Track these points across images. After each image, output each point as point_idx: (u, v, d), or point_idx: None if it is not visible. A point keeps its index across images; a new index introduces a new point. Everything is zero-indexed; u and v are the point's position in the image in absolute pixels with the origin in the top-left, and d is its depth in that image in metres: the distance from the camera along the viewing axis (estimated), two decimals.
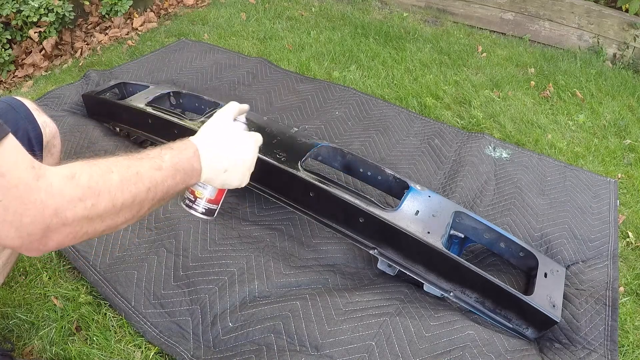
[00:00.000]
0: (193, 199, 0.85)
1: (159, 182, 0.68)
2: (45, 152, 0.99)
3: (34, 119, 0.94)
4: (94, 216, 0.58)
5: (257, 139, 0.88)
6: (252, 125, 1.34)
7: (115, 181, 0.61)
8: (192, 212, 0.87)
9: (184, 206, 0.87)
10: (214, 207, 0.88)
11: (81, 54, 2.58)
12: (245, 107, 0.89)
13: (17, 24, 2.46)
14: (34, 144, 0.92)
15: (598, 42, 2.71)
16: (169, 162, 0.70)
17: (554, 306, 1.13)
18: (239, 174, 0.84)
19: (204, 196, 0.85)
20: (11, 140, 0.53)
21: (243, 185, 0.87)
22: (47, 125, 0.99)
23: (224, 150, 0.80)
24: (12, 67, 2.49)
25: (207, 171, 0.77)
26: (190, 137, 0.78)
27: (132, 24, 2.83)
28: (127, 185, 0.63)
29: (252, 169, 0.88)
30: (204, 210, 0.87)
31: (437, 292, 1.22)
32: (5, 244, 0.54)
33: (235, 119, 0.86)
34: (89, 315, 1.16)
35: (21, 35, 2.53)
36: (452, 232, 1.30)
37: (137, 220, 0.69)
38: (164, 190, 0.69)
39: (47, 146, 1.00)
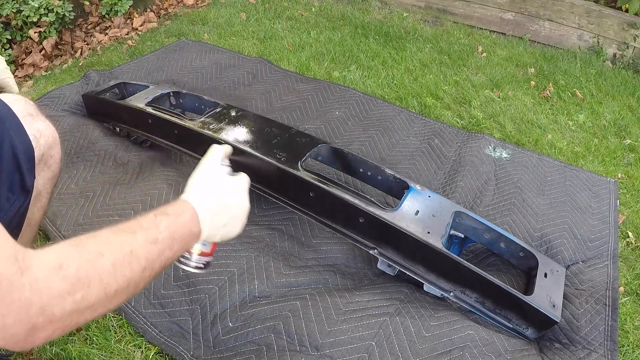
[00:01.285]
0: (188, 255, 0.77)
1: (156, 258, 0.61)
2: (40, 166, 0.89)
3: (22, 130, 0.82)
4: (84, 308, 0.53)
5: (246, 181, 0.82)
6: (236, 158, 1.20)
7: (107, 266, 0.55)
8: (184, 267, 0.79)
9: (178, 264, 0.77)
10: (208, 259, 0.81)
11: (81, 54, 2.58)
12: (229, 148, 0.85)
13: (17, 24, 2.46)
14: (20, 161, 0.79)
15: (598, 42, 2.71)
16: (166, 232, 0.63)
17: (554, 306, 1.13)
18: (239, 224, 0.78)
19: (198, 250, 0.77)
20: None
21: (240, 232, 0.80)
22: (42, 134, 0.87)
23: (220, 204, 0.74)
24: (12, 67, 2.49)
25: (207, 231, 0.71)
26: (183, 195, 0.72)
27: (132, 24, 2.83)
28: (121, 269, 0.57)
29: (248, 213, 0.81)
30: (197, 265, 0.79)
31: (437, 292, 1.22)
32: None
33: (223, 163, 0.82)
34: None
35: (21, 35, 2.53)
36: (452, 232, 1.29)
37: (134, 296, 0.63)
38: (161, 265, 0.63)
39: (42, 159, 0.89)
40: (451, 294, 1.20)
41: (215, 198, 0.74)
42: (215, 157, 0.81)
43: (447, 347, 1.08)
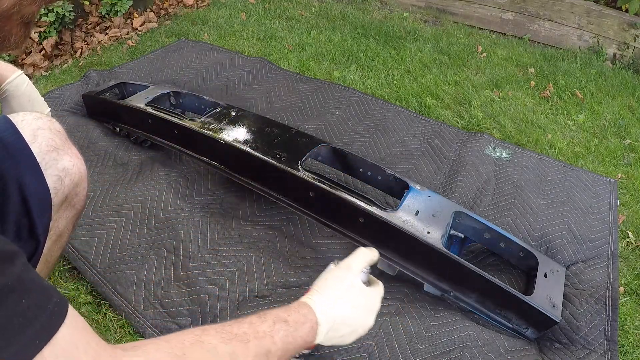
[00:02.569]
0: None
1: (272, 353, 0.56)
2: (63, 207, 0.81)
3: (39, 172, 0.71)
4: None
5: (381, 297, 0.77)
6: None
7: None
8: None
9: None
10: (307, 352, 0.79)
11: (81, 54, 2.58)
12: (376, 256, 0.80)
13: None
14: (31, 205, 0.67)
15: (598, 42, 2.71)
16: (280, 344, 0.58)
17: (554, 306, 1.13)
18: (353, 338, 0.73)
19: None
20: (69, 330, 0.40)
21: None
22: (67, 173, 0.78)
23: (345, 320, 0.69)
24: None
25: (320, 341, 0.67)
26: (310, 299, 0.68)
27: (132, 24, 2.83)
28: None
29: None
30: (296, 356, 0.76)
31: (437, 292, 1.22)
32: None
33: (368, 271, 0.78)
34: (89, 315, 1.16)
35: None
36: (452, 232, 1.29)
37: None
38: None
39: (66, 199, 0.80)
40: (451, 293, 1.20)
41: (343, 313, 0.69)
42: (358, 264, 0.76)
43: (447, 347, 1.08)
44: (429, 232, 1.18)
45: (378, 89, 2.24)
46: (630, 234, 1.52)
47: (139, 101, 1.62)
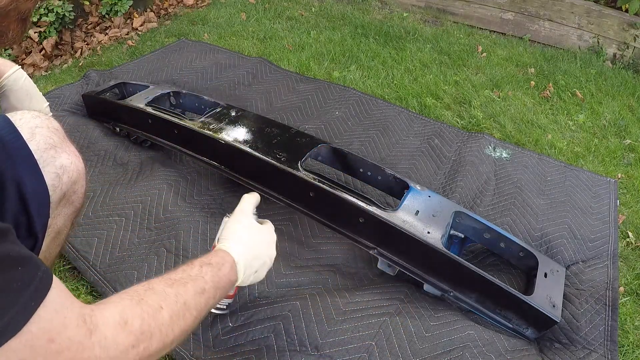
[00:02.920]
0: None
1: (203, 307, 0.67)
2: (61, 205, 0.82)
3: (37, 170, 0.72)
4: (145, 358, 0.56)
5: (273, 230, 0.92)
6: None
7: (165, 319, 0.59)
8: (218, 312, 0.98)
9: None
10: (230, 301, 0.93)
11: (81, 54, 2.59)
12: (257, 198, 0.95)
13: None
14: (29, 203, 0.68)
15: (598, 42, 2.71)
16: (211, 283, 0.69)
17: (554, 306, 1.13)
18: (265, 270, 0.87)
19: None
20: (56, 293, 0.48)
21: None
22: (65, 171, 0.79)
23: (254, 255, 0.82)
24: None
25: (241, 278, 0.79)
26: (222, 245, 0.80)
27: (132, 24, 2.83)
28: (177, 320, 0.61)
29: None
30: (220, 307, 0.93)
31: (437, 292, 1.22)
32: None
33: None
34: None
35: None
36: (452, 232, 1.29)
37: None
38: (206, 312, 0.69)
39: (64, 197, 0.82)
40: (451, 293, 1.20)
41: (250, 250, 0.82)
42: (248, 208, 0.90)
43: (447, 347, 1.08)
44: (429, 232, 1.18)
45: (378, 89, 2.24)
46: (630, 234, 1.52)
47: (139, 101, 1.62)
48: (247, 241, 0.83)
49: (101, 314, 0.52)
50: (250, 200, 0.92)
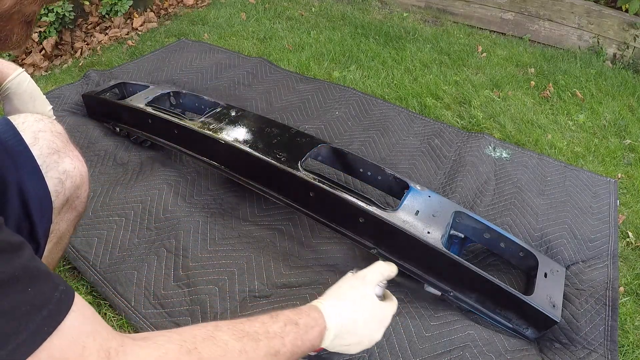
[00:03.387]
0: None
1: (287, 353, 0.58)
2: (64, 210, 0.81)
3: (39, 175, 0.71)
4: None
5: (393, 313, 0.77)
6: None
7: None
8: None
9: None
10: (312, 354, 0.77)
11: (81, 54, 2.59)
12: (394, 271, 0.81)
13: None
14: (31, 208, 0.67)
15: (598, 42, 2.71)
16: (289, 346, 0.59)
17: (554, 306, 1.13)
18: (359, 349, 0.73)
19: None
20: (75, 317, 0.42)
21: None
22: (68, 176, 0.78)
23: (354, 329, 0.70)
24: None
25: (326, 346, 0.68)
26: (322, 303, 0.69)
27: (132, 24, 2.83)
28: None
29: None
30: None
31: (437, 292, 1.22)
32: None
33: (383, 285, 0.79)
34: None
35: None
36: (452, 232, 1.29)
37: None
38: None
39: (67, 202, 0.80)
40: (451, 293, 1.20)
41: (352, 322, 0.70)
42: (374, 277, 0.77)
43: (447, 347, 1.08)
44: (429, 232, 1.18)
45: (378, 89, 2.24)
46: (630, 234, 1.52)
47: (139, 101, 1.62)
48: (353, 313, 0.70)
49: (134, 352, 0.44)
50: (381, 270, 0.78)
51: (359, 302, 0.72)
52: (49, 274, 0.42)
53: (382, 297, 0.78)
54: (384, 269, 0.79)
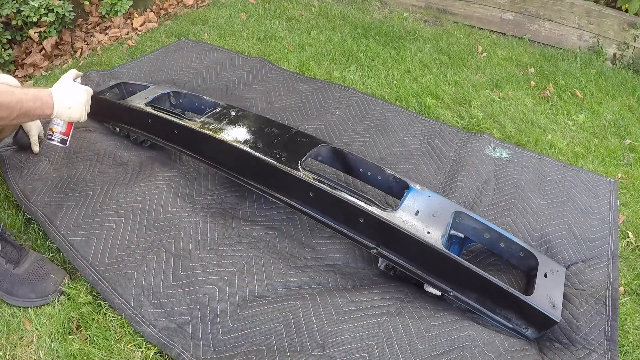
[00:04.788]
0: (51, 133, 1.39)
1: (24, 101, 1.17)
2: None
3: None
4: None
5: (87, 89, 1.38)
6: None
7: None
8: (52, 142, 1.39)
9: (47, 140, 1.41)
10: (65, 137, 1.40)
11: (81, 54, 2.59)
12: (78, 72, 1.40)
13: (17, 24, 2.46)
14: None
15: (598, 42, 2.71)
16: (32, 93, 1.21)
17: (554, 306, 1.12)
18: (78, 110, 1.33)
19: (58, 130, 1.39)
20: None
21: (83, 120, 1.36)
22: None
23: (67, 94, 1.30)
24: (12, 67, 2.49)
25: (57, 107, 1.26)
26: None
27: (132, 24, 2.83)
28: (5, 94, 1.12)
29: (86, 108, 1.37)
30: (59, 140, 1.39)
31: (437, 292, 1.21)
32: None
33: (75, 80, 1.36)
34: (88, 315, 1.16)
35: (21, 35, 2.53)
36: (452, 232, 1.29)
37: (9, 123, 1.21)
38: (27, 108, 1.18)
39: None
40: (451, 293, 1.20)
41: (63, 91, 1.30)
42: (68, 75, 1.35)
43: (447, 347, 1.08)
44: (429, 232, 1.18)
45: (378, 89, 2.24)
46: (630, 234, 1.52)
47: (139, 101, 1.62)
48: (62, 88, 1.30)
49: None
50: (71, 72, 1.37)
51: (64, 83, 1.32)
52: None
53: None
54: (72, 71, 1.37)
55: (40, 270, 1.22)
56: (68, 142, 1.41)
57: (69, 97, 1.29)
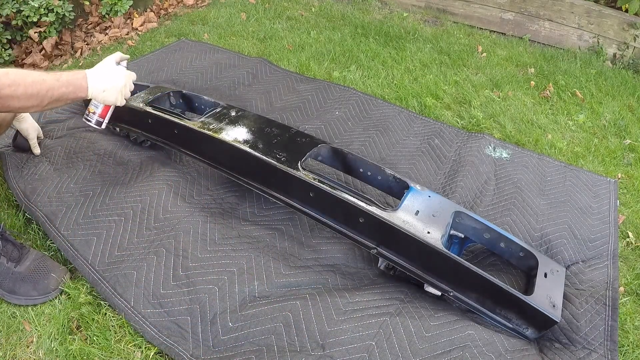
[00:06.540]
0: (88, 114, 1.36)
1: (56, 87, 1.15)
2: None
3: None
4: (15, 96, 1.08)
5: (129, 74, 1.36)
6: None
7: (29, 81, 1.10)
8: (89, 123, 1.37)
9: (85, 120, 1.38)
10: (101, 120, 1.37)
11: (81, 54, 2.59)
12: (124, 55, 1.37)
13: (17, 24, 2.46)
14: None
15: (598, 42, 2.71)
16: (65, 78, 1.18)
17: (554, 306, 1.12)
18: (113, 94, 1.30)
19: (96, 111, 1.36)
20: None
21: (120, 104, 1.34)
22: None
23: (103, 77, 1.26)
24: (12, 68, 2.49)
25: (91, 89, 1.24)
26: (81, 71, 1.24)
27: (132, 24, 2.83)
28: (36, 84, 1.11)
29: (124, 93, 1.34)
30: (95, 122, 1.37)
31: (437, 292, 1.21)
32: None
33: (118, 64, 1.34)
34: (88, 315, 1.16)
35: (21, 35, 2.53)
36: (452, 232, 1.29)
37: (42, 110, 1.21)
38: (59, 94, 1.17)
39: None
40: (451, 293, 1.20)
41: (101, 72, 1.27)
42: (112, 57, 1.33)
43: (447, 347, 1.08)
44: (429, 232, 1.18)
45: (378, 89, 2.24)
46: (630, 234, 1.52)
47: (138, 101, 1.62)
48: (101, 69, 1.27)
49: None
50: (116, 54, 1.34)
51: (105, 65, 1.29)
52: None
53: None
54: (117, 53, 1.35)
55: (42, 268, 1.22)
56: (104, 124, 1.38)
57: (105, 81, 1.25)
